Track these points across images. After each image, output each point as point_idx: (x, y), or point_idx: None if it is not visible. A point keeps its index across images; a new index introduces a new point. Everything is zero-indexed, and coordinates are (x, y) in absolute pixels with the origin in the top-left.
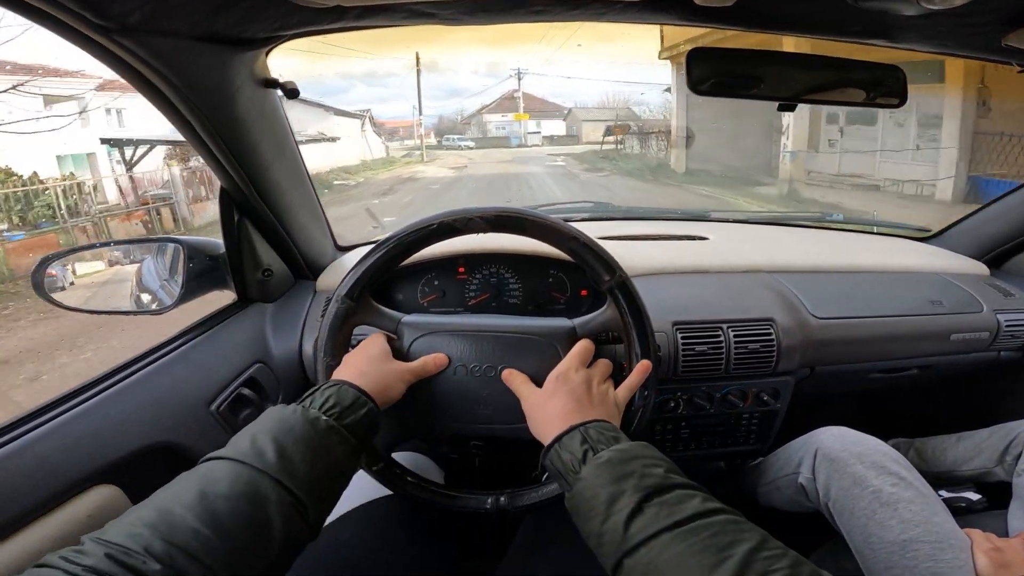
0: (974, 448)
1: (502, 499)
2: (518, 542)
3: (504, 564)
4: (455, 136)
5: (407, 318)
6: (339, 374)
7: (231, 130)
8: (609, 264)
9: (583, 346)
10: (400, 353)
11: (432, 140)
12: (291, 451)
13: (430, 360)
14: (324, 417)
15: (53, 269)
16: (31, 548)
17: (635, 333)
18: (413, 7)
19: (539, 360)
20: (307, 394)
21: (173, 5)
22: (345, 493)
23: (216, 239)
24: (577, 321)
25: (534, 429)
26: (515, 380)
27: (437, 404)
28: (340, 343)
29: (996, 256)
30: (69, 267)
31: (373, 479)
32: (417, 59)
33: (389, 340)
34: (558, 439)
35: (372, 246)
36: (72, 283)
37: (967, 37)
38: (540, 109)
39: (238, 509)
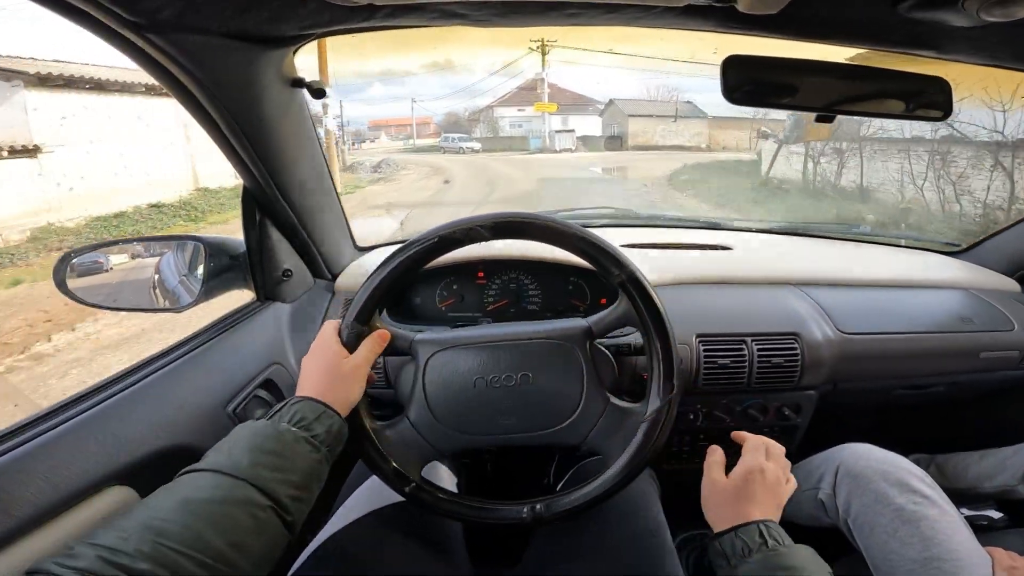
0: (998, 465)
1: (538, 507)
2: (533, 550)
3: (519, 571)
4: (456, 136)
5: (419, 336)
6: (301, 389)
7: (256, 129)
8: (617, 259)
9: (761, 440)
10: (412, 373)
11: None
12: (264, 460)
13: (374, 343)
14: (293, 429)
15: (77, 263)
16: (45, 548)
17: (652, 325)
18: (445, 7)
19: (561, 366)
20: (275, 409)
21: (203, 2)
22: (353, 502)
23: (236, 238)
24: (592, 319)
25: (710, 507)
26: (712, 467)
27: (462, 420)
28: None
29: None
30: (99, 260)
31: (386, 489)
32: None
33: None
34: (738, 527)
35: (374, 270)
36: (111, 268)
37: (1022, 48)
38: (571, 103)
39: (221, 512)
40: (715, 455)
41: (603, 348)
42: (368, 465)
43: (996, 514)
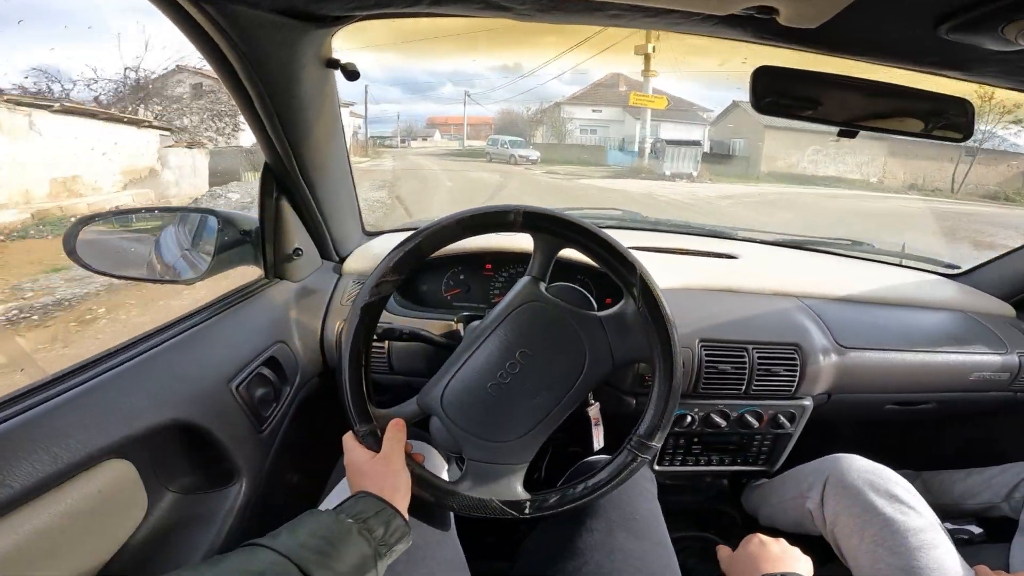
0: (983, 483)
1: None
2: (528, 545)
3: (517, 566)
4: (507, 139)
5: (421, 396)
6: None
7: (288, 107)
8: (504, 207)
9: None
10: (439, 423)
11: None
12: (313, 543)
13: (394, 434)
14: (349, 520)
15: (90, 231)
16: (42, 519)
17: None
18: None
19: (540, 324)
20: (341, 502)
21: None
22: (342, 492)
23: (248, 214)
24: (532, 268)
25: (734, 571)
26: (720, 553)
27: (509, 427)
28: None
29: None
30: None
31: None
32: None
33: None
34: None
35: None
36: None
37: None
38: (675, 109)
39: None
40: (721, 549)
41: (562, 284)
42: (478, 514)
43: (976, 529)
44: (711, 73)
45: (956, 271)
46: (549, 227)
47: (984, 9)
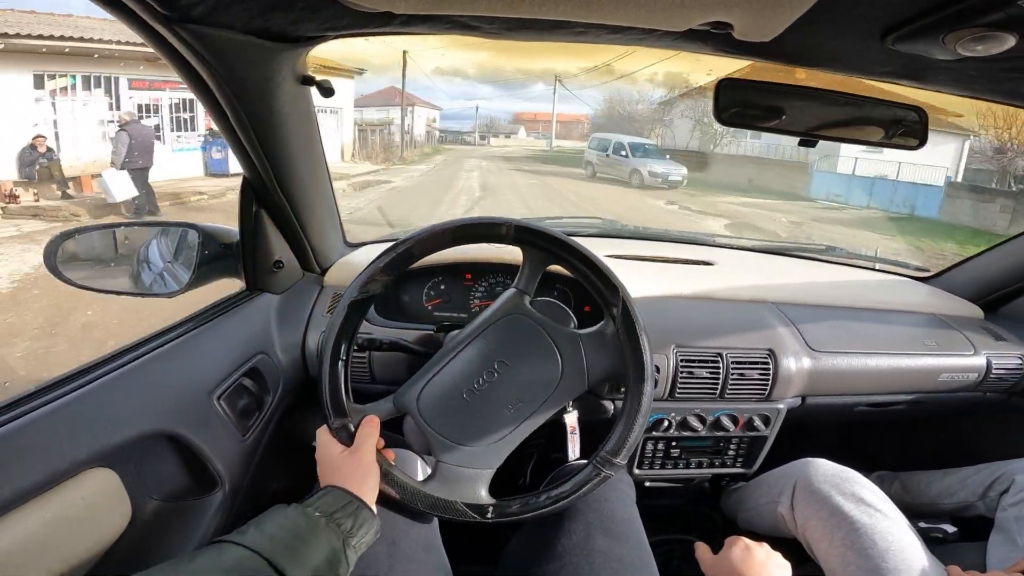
0: (959, 483)
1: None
2: (510, 549)
3: (500, 570)
4: (627, 141)
5: (398, 395)
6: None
7: (265, 124)
8: (499, 219)
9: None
10: (413, 424)
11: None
12: (283, 537)
13: (367, 429)
14: (316, 514)
15: (71, 245)
16: (25, 529)
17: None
18: (458, 19)
19: (520, 335)
20: (307, 496)
21: (233, 1)
22: None
23: (229, 227)
24: (517, 282)
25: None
26: (701, 553)
27: (480, 432)
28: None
29: (992, 301)
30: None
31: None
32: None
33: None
34: None
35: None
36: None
37: (997, 83)
38: None
39: None
40: (700, 548)
41: (546, 299)
42: (441, 514)
43: (951, 528)
44: None
45: (926, 274)
46: (539, 243)
47: (926, 21)
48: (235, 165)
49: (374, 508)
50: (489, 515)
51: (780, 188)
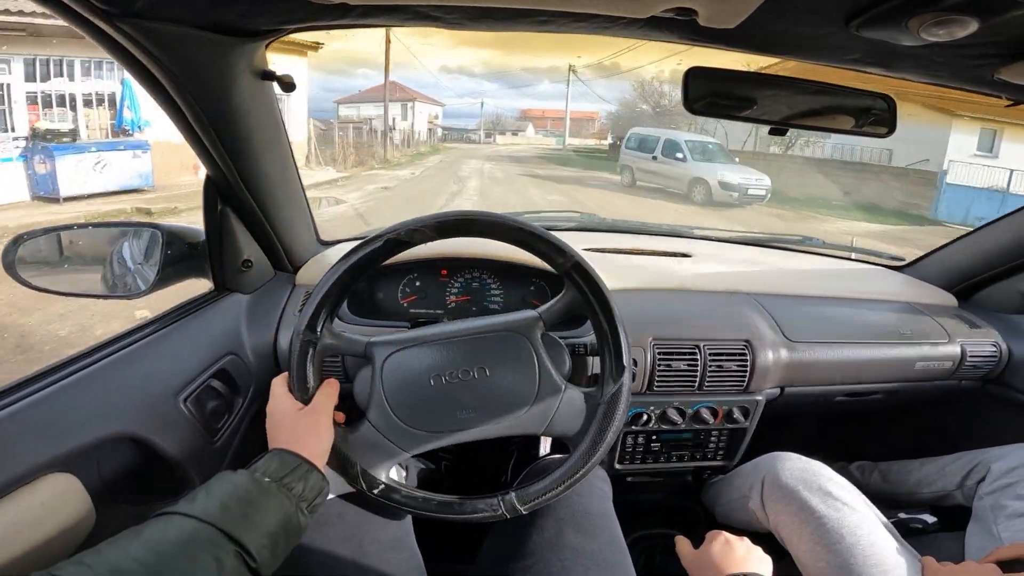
0: (937, 472)
1: (511, 496)
2: (486, 548)
3: (473, 568)
4: (683, 139)
5: (374, 339)
6: (274, 445)
7: (223, 120)
8: (559, 248)
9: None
10: (368, 376)
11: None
12: (234, 506)
13: (327, 390)
14: (265, 479)
15: (26, 248)
16: None
17: (599, 308)
18: (418, 9)
19: (515, 356)
20: (252, 462)
21: None
22: None
23: (195, 227)
24: (541, 309)
25: (697, 570)
26: (682, 547)
27: (423, 419)
28: (313, 374)
29: (965, 288)
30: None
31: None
32: None
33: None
34: None
35: (323, 275)
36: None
37: (962, 69)
38: None
39: (184, 554)
40: (680, 541)
41: (556, 337)
42: (335, 468)
43: (930, 518)
44: None
45: (901, 263)
46: (588, 290)
47: (888, 4)
48: (73, 185)
49: (324, 471)
50: (375, 491)
51: (892, 206)
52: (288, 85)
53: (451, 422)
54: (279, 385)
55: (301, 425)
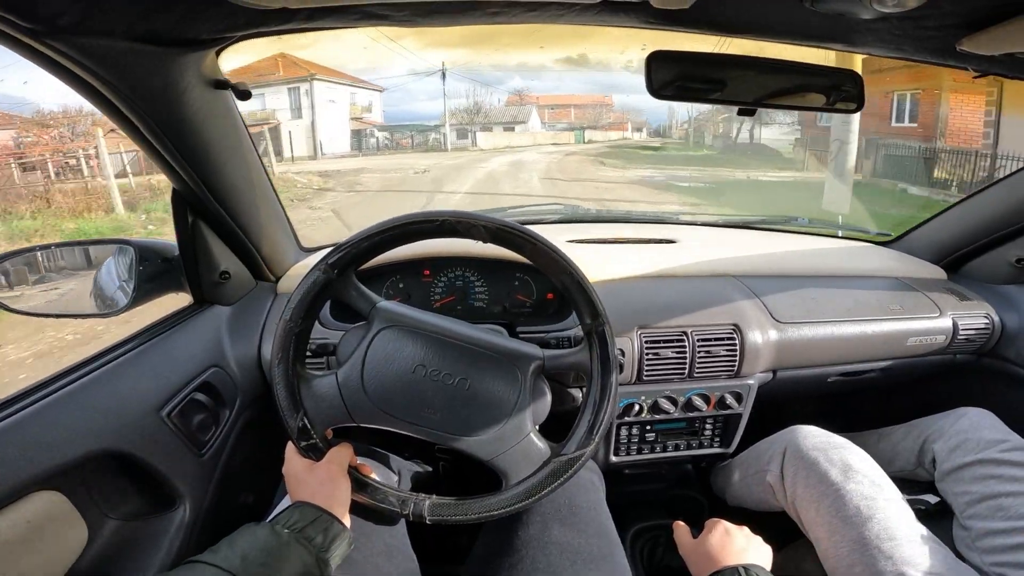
0: (891, 450)
1: (425, 505)
2: (479, 547)
3: (464, 568)
4: None
5: (381, 304)
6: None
7: (179, 132)
8: (596, 310)
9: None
10: (359, 336)
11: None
12: (255, 556)
13: (340, 450)
14: (286, 531)
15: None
16: None
17: (600, 382)
18: (365, 9)
19: (501, 384)
20: (275, 513)
21: (105, 7)
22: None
23: (169, 241)
24: (549, 354)
25: (692, 565)
26: (681, 536)
27: (388, 399)
28: (310, 312)
29: (953, 260)
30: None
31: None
32: None
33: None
34: (723, 570)
35: (372, 225)
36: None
37: (922, 41)
38: None
39: None
40: (679, 529)
41: (546, 385)
42: (279, 410)
43: (933, 499)
44: None
45: (888, 238)
46: (603, 354)
47: None
48: None
49: (346, 521)
50: (302, 444)
51: None
52: (244, 93)
53: (412, 415)
54: (291, 449)
55: (317, 478)
